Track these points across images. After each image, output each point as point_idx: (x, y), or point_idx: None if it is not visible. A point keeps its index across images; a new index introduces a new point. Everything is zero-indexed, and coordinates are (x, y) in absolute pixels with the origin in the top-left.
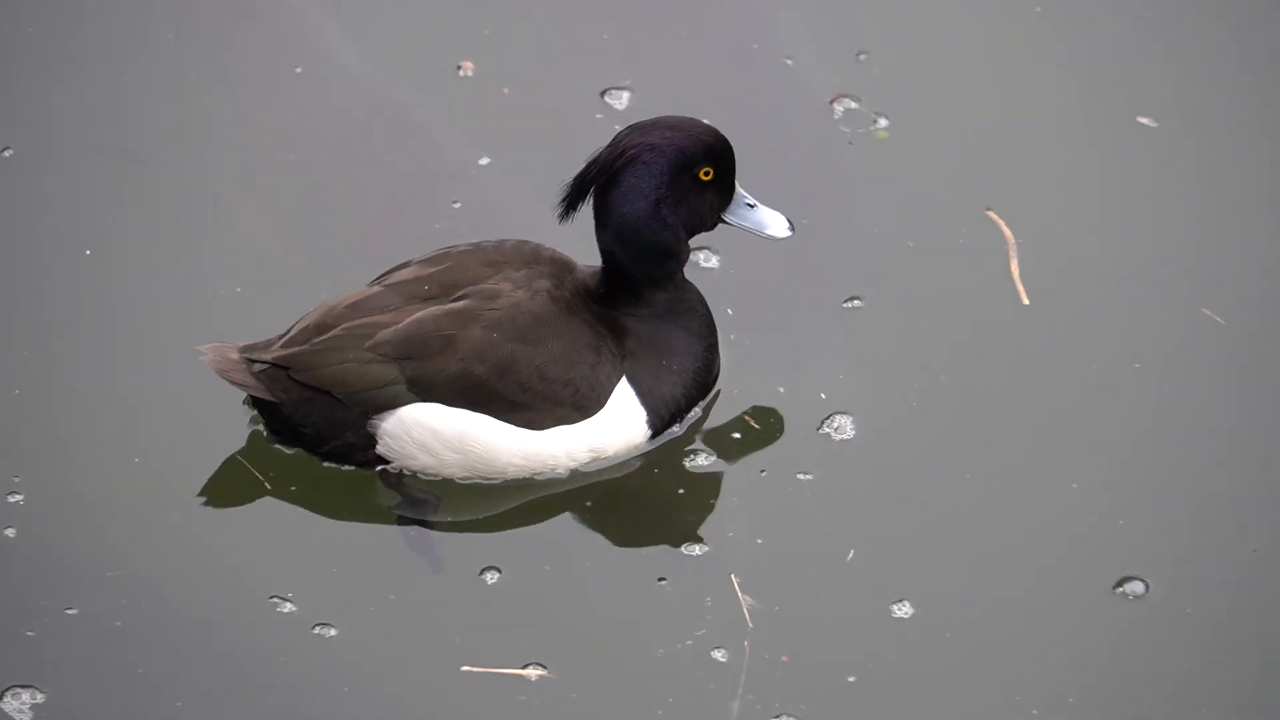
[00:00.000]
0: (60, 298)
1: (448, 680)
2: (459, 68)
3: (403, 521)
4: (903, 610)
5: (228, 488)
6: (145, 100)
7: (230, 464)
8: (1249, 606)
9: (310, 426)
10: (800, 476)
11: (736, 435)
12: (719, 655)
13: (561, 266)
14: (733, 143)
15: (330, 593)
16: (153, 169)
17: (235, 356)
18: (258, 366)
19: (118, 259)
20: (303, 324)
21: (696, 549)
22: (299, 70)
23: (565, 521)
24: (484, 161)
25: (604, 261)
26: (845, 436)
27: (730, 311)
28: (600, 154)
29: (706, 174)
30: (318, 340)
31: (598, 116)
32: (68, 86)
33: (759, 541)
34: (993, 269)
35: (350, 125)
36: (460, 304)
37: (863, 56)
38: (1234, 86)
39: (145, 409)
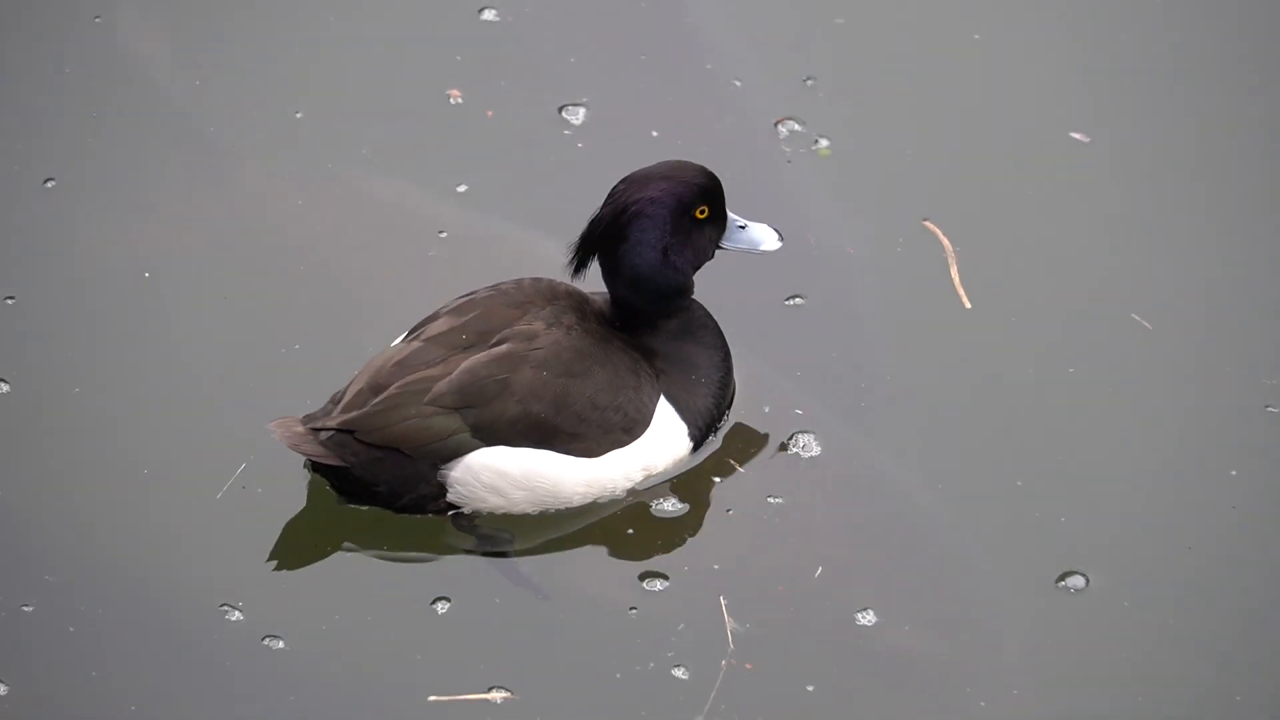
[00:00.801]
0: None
1: (392, 699)
2: (449, 96)
3: (487, 555)
4: (866, 619)
5: (190, 493)
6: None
7: (199, 468)
8: (1184, 600)
9: (383, 485)
10: (771, 500)
11: (716, 479)
12: (679, 673)
13: (579, 299)
14: (678, 157)
15: (279, 606)
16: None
17: (301, 429)
18: (324, 434)
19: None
20: (355, 387)
21: (659, 583)
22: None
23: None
24: (461, 189)
25: (616, 301)
26: (813, 454)
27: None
28: (602, 211)
29: (702, 212)
30: (376, 401)
31: (565, 133)
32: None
33: (730, 565)
34: (933, 276)
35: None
36: (503, 348)
37: (810, 82)
38: (1160, 105)
39: (102, 410)
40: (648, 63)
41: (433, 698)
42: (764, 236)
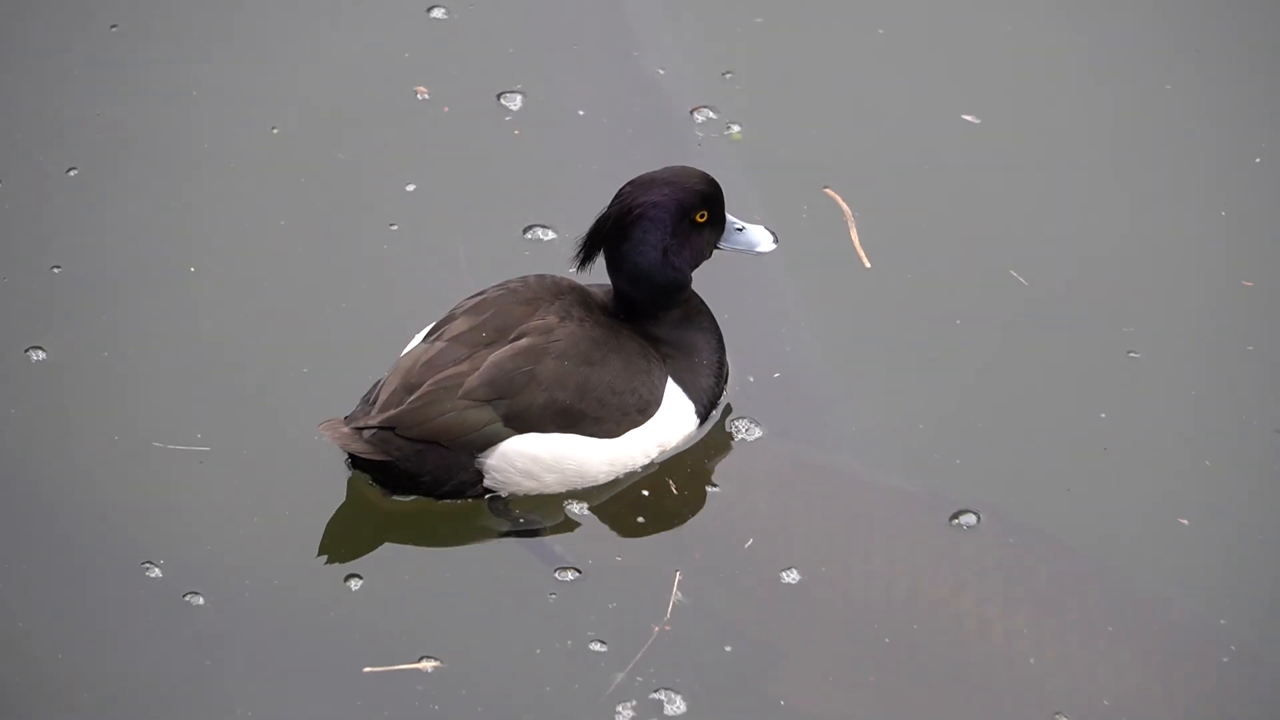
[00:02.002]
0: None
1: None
2: (416, 92)
3: (519, 535)
4: (790, 577)
5: (126, 450)
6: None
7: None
8: (1062, 537)
9: (426, 475)
10: (711, 489)
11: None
12: (598, 647)
13: (582, 293)
14: (599, 141)
15: (198, 566)
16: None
17: (347, 429)
18: (367, 433)
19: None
20: (389, 388)
21: (570, 575)
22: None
23: (430, 534)
24: (410, 188)
25: (619, 294)
26: (736, 422)
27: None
28: (608, 211)
29: (702, 216)
30: (413, 399)
31: (505, 119)
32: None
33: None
34: (835, 239)
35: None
36: (524, 342)
37: (728, 75)
38: (1041, 92)
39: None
40: (581, 52)
41: (368, 669)
42: (760, 238)
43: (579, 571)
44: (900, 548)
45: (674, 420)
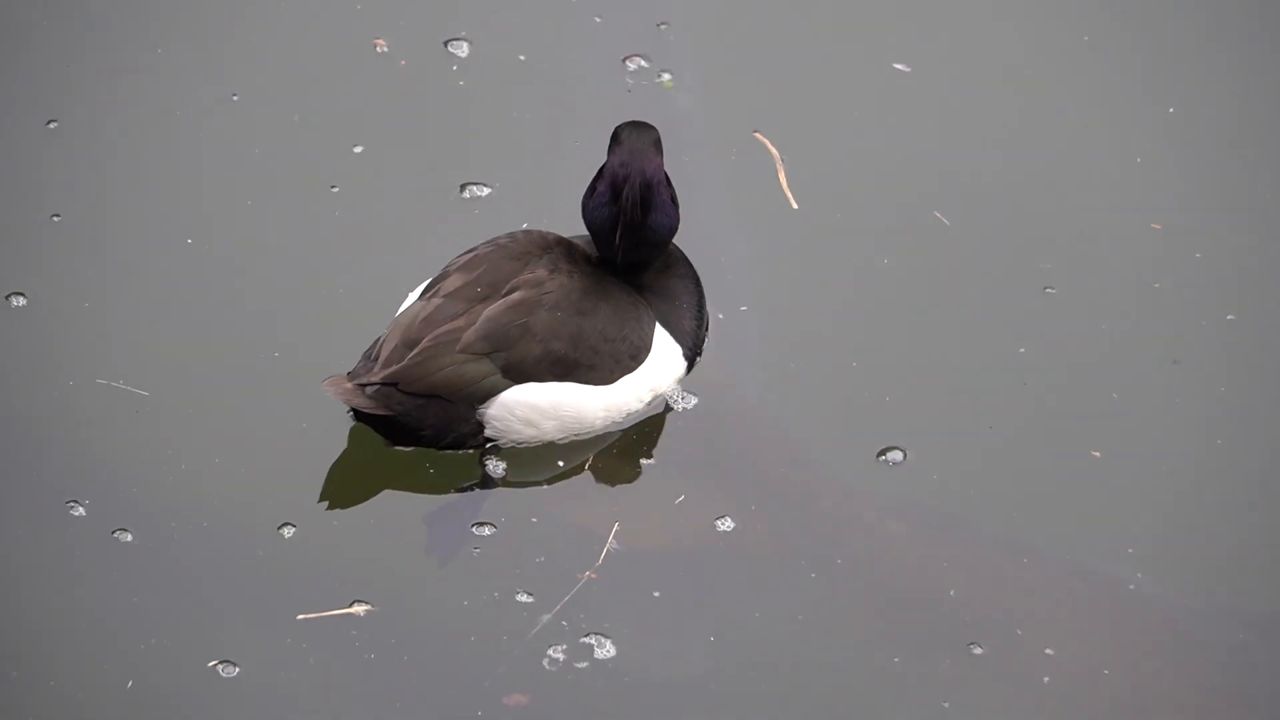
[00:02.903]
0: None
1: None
2: (375, 45)
3: (444, 512)
4: (725, 525)
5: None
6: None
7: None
8: (984, 471)
9: (428, 428)
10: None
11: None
12: (524, 598)
13: (567, 245)
14: (535, 86)
15: (125, 503)
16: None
17: (350, 385)
18: (370, 389)
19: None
20: (389, 344)
21: (486, 531)
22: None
23: (365, 486)
24: (358, 150)
25: (629, 263)
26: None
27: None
28: (628, 196)
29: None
30: (413, 355)
31: (454, 69)
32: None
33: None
34: (763, 181)
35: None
36: (517, 295)
37: (663, 26)
38: (973, 39)
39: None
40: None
41: (301, 616)
42: None
43: (494, 527)
44: (830, 490)
45: (664, 365)
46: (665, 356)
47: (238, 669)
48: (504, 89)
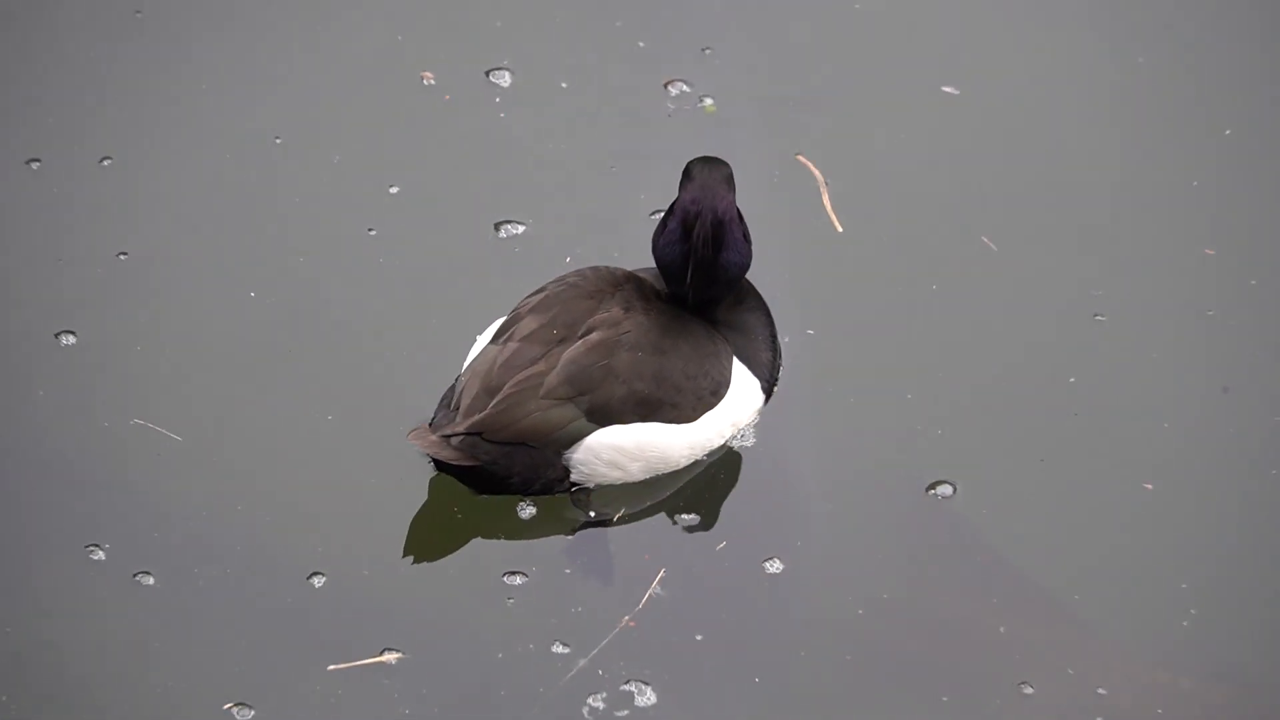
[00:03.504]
0: None
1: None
2: (422, 78)
3: (579, 544)
4: (774, 567)
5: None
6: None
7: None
8: (1036, 506)
9: (516, 476)
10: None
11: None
12: (560, 649)
13: (637, 281)
14: (576, 108)
15: (146, 547)
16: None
17: (435, 438)
18: (455, 439)
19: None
20: (469, 393)
21: (517, 580)
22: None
23: (391, 531)
24: (393, 191)
25: (700, 300)
26: None
27: (568, 260)
28: (699, 233)
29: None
30: (496, 403)
31: (496, 100)
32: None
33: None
34: (807, 204)
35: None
36: (595, 337)
37: (707, 51)
38: (1024, 63)
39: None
40: (565, 21)
41: (331, 667)
42: None
43: (526, 576)
44: (878, 525)
45: (744, 398)
46: (744, 391)
47: (253, 712)
48: (544, 118)
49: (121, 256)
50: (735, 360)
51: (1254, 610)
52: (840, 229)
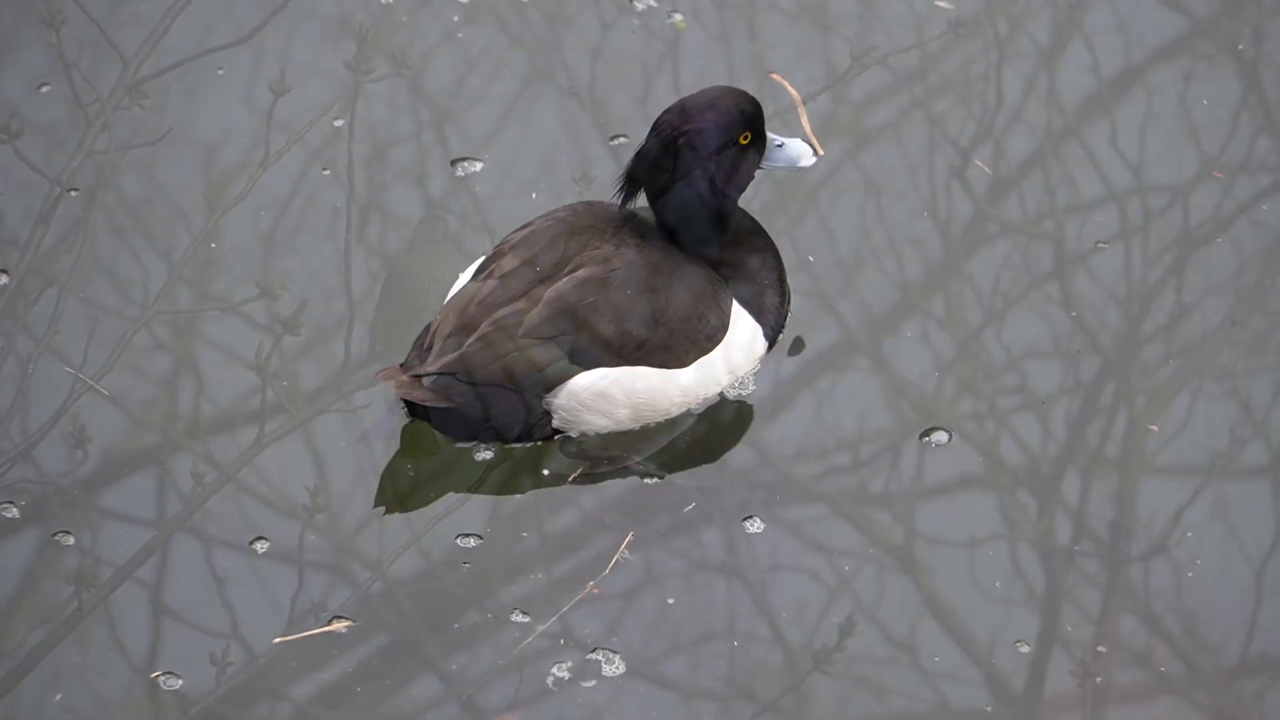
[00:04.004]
0: None
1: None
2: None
3: (606, 474)
4: (754, 526)
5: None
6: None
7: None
8: (1031, 451)
9: (491, 420)
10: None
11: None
12: (520, 617)
13: (630, 217)
14: (544, 29)
15: (65, 507)
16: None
17: (405, 377)
18: (427, 379)
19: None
20: (443, 331)
21: (471, 542)
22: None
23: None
24: (339, 123)
25: (663, 227)
26: None
27: (534, 196)
28: (649, 144)
29: (745, 138)
30: (472, 341)
31: (454, 19)
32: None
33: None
34: (784, 123)
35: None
36: (582, 273)
37: None
38: None
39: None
40: None
41: (278, 639)
42: (801, 152)
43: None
44: (871, 469)
45: (743, 344)
46: (744, 336)
47: (180, 681)
48: (502, 37)
49: (72, 193)
50: (735, 304)
51: (1255, 551)
52: (820, 152)
